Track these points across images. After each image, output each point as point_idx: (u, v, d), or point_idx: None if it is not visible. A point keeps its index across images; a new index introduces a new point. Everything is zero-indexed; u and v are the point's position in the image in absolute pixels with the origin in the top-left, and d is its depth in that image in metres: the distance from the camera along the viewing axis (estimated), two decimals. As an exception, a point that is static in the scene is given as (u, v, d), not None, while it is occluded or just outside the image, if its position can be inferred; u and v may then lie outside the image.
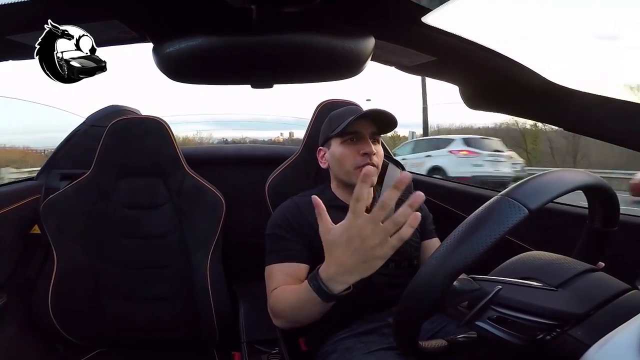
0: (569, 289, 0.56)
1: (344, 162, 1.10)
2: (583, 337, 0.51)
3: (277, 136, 11.53)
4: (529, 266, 0.62)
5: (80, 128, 1.63)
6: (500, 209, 0.51)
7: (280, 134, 12.43)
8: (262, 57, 0.86)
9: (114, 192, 1.34)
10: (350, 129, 1.08)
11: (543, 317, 0.53)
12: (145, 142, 1.33)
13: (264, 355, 1.17)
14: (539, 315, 0.53)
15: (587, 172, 0.63)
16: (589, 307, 0.53)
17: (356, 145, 1.09)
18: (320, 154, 1.21)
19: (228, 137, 10.52)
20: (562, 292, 0.56)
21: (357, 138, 1.09)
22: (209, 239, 1.33)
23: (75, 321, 1.28)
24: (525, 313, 0.53)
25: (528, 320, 0.53)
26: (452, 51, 0.90)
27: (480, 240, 0.50)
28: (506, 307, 0.54)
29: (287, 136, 12.11)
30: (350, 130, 1.09)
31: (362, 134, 1.09)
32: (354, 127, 1.08)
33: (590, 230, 0.71)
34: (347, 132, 1.09)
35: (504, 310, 0.54)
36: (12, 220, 1.32)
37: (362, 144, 1.08)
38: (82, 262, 1.29)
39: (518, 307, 0.54)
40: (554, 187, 0.54)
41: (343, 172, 1.11)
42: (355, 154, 1.08)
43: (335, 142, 1.13)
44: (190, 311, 1.30)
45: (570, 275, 0.58)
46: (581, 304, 0.54)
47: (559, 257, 0.65)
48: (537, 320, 0.53)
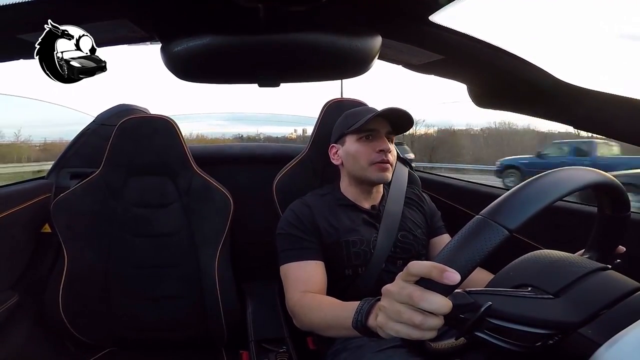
0: (567, 296, 0.55)
1: (359, 158, 1.11)
2: (593, 336, 0.50)
3: (290, 133, 11.54)
4: (528, 272, 0.61)
5: (89, 127, 1.65)
6: (479, 231, 0.50)
7: (294, 130, 12.45)
8: (269, 56, 0.87)
9: (123, 191, 1.35)
10: (367, 126, 1.10)
11: (538, 327, 0.53)
12: (154, 141, 1.33)
13: (272, 354, 1.17)
14: (533, 326, 0.53)
15: (577, 174, 0.58)
16: (586, 315, 0.53)
17: (372, 143, 1.11)
18: (332, 150, 1.21)
19: (243, 133, 10.53)
20: (558, 300, 0.55)
21: (373, 136, 1.11)
22: (218, 238, 1.33)
23: (86, 320, 1.29)
24: (520, 324, 0.53)
25: (523, 331, 0.53)
26: (460, 50, 0.89)
27: (464, 264, 0.49)
28: (501, 319, 0.53)
29: (300, 133, 12.11)
30: (367, 128, 1.10)
31: (379, 132, 1.11)
32: (371, 125, 1.10)
33: (601, 218, 0.70)
34: (364, 130, 1.11)
35: (499, 322, 0.53)
36: (23, 219, 1.33)
37: (379, 142, 1.10)
38: (92, 260, 1.30)
39: (512, 319, 0.53)
40: (535, 203, 0.51)
41: (358, 168, 1.12)
42: (371, 150, 1.10)
43: (350, 139, 1.14)
44: (198, 310, 1.31)
45: (572, 279, 0.57)
46: (578, 312, 0.53)
47: (565, 257, 0.64)
48: (531, 331, 0.53)
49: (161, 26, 0.84)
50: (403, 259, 1.10)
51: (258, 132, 11.04)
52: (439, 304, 0.49)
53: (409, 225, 1.15)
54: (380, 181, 1.12)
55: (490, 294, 0.55)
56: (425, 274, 0.50)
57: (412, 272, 0.52)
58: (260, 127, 11.28)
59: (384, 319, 0.56)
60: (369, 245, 1.08)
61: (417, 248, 1.13)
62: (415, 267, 0.52)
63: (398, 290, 0.53)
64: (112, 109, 1.69)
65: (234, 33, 0.81)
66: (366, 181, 1.13)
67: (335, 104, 1.36)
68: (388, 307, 0.55)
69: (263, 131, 11.07)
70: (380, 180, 1.11)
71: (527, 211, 0.50)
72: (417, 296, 0.50)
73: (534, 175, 0.55)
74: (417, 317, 0.51)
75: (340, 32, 0.83)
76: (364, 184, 1.15)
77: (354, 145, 1.13)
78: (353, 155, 1.13)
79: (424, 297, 0.50)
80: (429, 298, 0.49)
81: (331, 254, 1.08)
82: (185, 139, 1.38)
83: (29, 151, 9.77)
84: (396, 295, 0.54)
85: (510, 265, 0.65)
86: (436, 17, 0.76)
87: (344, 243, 1.08)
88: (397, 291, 0.54)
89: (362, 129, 1.10)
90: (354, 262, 1.07)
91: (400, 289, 0.53)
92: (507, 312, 0.53)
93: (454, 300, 0.51)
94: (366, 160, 1.10)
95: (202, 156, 1.55)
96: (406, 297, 0.52)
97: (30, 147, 9.95)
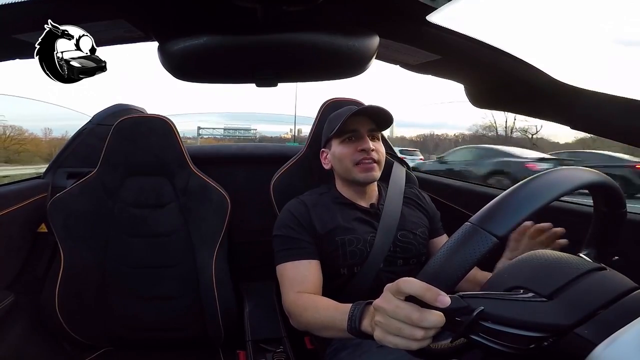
0: (560, 298, 0.56)
1: (343, 159, 1.12)
2: (590, 336, 0.50)
3: (286, 132, 11.58)
4: (522, 274, 0.61)
5: (86, 127, 1.64)
6: (468, 239, 0.51)
7: (290, 130, 12.46)
8: (266, 56, 0.87)
9: (120, 191, 1.34)
10: (348, 127, 1.11)
11: (530, 330, 0.53)
12: (151, 141, 1.33)
13: (269, 354, 1.18)
14: (526, 329, 0.53)
15: (567, 175, 0.58)
16: (578, 317, 0.53)
17: (354, 143, 1.11)
18: (323, 155, 1.23)
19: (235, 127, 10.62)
20: (551, 303, 0.55)
21: (355, 136, 1.12)
22: (215, 238, 1.33)
23: (82, 320, 1.28)
24: (512, 327, 0.53)
25: (516, 334, 0.53)
26: (457, 50, 0.90)
27: (454, 273, 0.51)
28: (494, 322, 0.53)
29: (295, 132, 12.09)
30: (348, 129, 1.11)
31: (360, 132, 1.12)
32: (351, 126, 1.11)
33: (597, 215, 0.70)
34: (345, 131, 1.12)
35: (492, 325, 0.53)
36: (19, 219, 1.33)
37: (360, 142, 1.11)
38: (88, 260, 1.29)
39: (504, 322, 0.53)
40: (524, 208, 0.52)
41: (344, 169, 1.13)
42: (354, 151, 1.11)
43: (335, 142, 1.15)
44: (195, 310, 1.31)
45: (566, 280, 0.57)
46: (570, 315, 0.53)
47: (560, 257, 0.63)
48: (524, 334, 0.53)
49: (158, 26, 0.84)
50: (403, 259, 1.10)
51: (253, 130, 11.07)
52: (437, 320, 0.52)
53: (409, 225, 1.15)
54: (366, 180, 1.12)
55: (483, 297, 0.55)
56: (418, 295, 0.52)
57: (404, 291, 0.54)
58: (255, 124, 11.30)
59: (381, 334, 0.58)
60: (365, 244, 1.08)
61: (417, 247, 1.13)
62: (407, 287, 0.53)
63: (393, 309, 0.55)
64: (109, 109, 1.69)
65: (232, 32, 0.81)
66: (354, 182, 1.13)
67: (332, 103, 1.36)
68: (385, 323, 0.56)
69: (259, 129, 11.11)
70: (367, 180, 1.12)
71: (515, 218, 0.51)
72: (417, 317, 0.52)
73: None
74: (418, 333, 0.53)
75: (338, 31, 0.83)
76: (354, 185, 1.15)
77: (338, 148, 1.14)
78: (338, 158, 1.14)
79: (423, 317, 0.52)
80: (428, 318, 0.52)
81: (327, 252, 1.08)
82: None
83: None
84: (391, 313, 0.55)
85: (505, 267, 0.65)
86: (434, 17, 0.76)
87: (339, 241, 1.08)
88: (392, 310, 0.55)
89: (343, 131, 1.11)
90: (350, 260, 1.07)
91: (395, 307, 0.55)
92: (499, 316, 0.53)
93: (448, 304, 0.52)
94: (350, 161, 1.11)
95: (199, 156, 1.54)
96: (404, 317, 0.53)
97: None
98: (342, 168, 1.13)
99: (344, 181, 1.17)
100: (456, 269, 0.51)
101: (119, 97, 13.70)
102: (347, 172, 1.13)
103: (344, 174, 1.14)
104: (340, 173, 1.16)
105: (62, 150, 1.61)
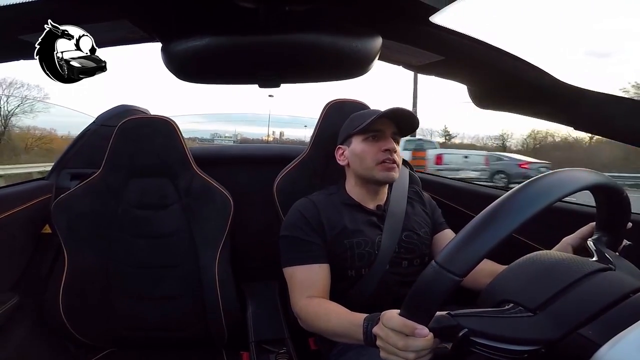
0: (547, 311, 0.56)
1: (365, 157, 1.12)
2: (594, 337, 0.50)
3: (267, 135, 11.47)
4: (511, 286, 0.62)
5: (90, 128, 1.65)
6: (432, 281, 0.54)
7: (272, 132, 12.30)
8: (269, 57, 0.87)
9: (123, 192, 1.34)
10: (373, 127, 1.11)
11: (518, 345, 0.54)
12: (154, 142, 1.33)
13: (272, 355, 1.18)
14: (513, 344, 0.54)
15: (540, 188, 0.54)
16: (564, 330, 0.53)
17: (378, 143, 1.11)
18: (339, 152, 1.22)
19: (219, 131, 10.64)
20: (535, 318, 0.56)
21: (379, 136, 1.12)
22: (218, 239, 1.33)
23: (86, 321, 1.28)
24: (501, 342, 0.54)
25: (506, 348, 0.54)
26: (460, 50, 0.89)
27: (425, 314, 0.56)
28: (483, 338, 0.55)
29: (277, 135, 11.86)
30: (373, 128, 1.11)
31: (384, 132, 1.12)
32: (377, 126, 1.11)
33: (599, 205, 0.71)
34: (370, 130, 1.12)
35: (483, 340, 0.55)
36: (23, 220, 1.33)
37: (384, 141, 1.11)
38: (92, 261, 1.30)
39: (493, 338, 0.55)
40: (484, 245, 0.51)
41: (364, 167, 1.13)
42: (377, 150, 1.11)
43: (356, 140, 1.15)
44: (199, 311, 1.30)
45: (560, 287, 0.58)
46: (556, 328, 0.54)
47: (562, 260, 0.63)
48: (513, 348, 0.54)
49: (161, 27, 0.84)
50: (407, 260, 1.11)
51: (235, 132, 11.03)
52: (422, 345, 0.58)
53: (413, 225, 1.15)
54: (386, 180, 1.12)
55: (471, 315, 0.58)
56: (399, 330, 0.59)
57: (387, 325, 0.61)
58: (237, 127, 11.25)
59: (384, 355, 0.64)
60: (374, 247, 1.08)
61: (421, 248, 1.13)
62: (388, 323, 0.61)
63: (385, 336, 0.62)
64: (113, 110, 1.68)
65: (235, 33, 0.81)
66: (372, 181, 1.13)
67: (336, 104, 1.36)
68: (384, 346, 0.64)
69: (240, 130, 11.06)
70: (387, 180, 1.12)
71: (475, 258, 0.52)
72: (402, 345, 0.59)
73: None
74: (410, 355, 0.59)
75: (340, 32, 0.83)
76: (370, 184, 1.15)
77: (360, 146, 1.13)
78: (359, 155, 1.13)
79: (408, 344, 0.59)
80: (412, 345, 0.58)
81: (335, 254, 1.08)
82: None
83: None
84: (384, 339, 0.63)
85: (498, 276, 0.66)
86: (436, 17, 0.76)
87: (348, 244, 1.08)
88: (385, 337, 0.62)
89: (367, 129, 1.11)
90: (358, 263, 1.07)
91: (386, 335, 0.62)
92: (486, 333, 0.55)
93: (438, 324, 0.57)
94: (372, 159, 1.11)
95: (202, 157, 1.55)
96: (393, 344, 0.61)
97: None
98: (362, 166, 1.13)
99: (359, 179, 1.16)
100: (427, 311, 0.56)
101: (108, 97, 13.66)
102: (366, 170, 1.12)
103: (363, 171, 1.13)
104: (359, 171, 1.15)
105: (66, 151, 1.62)
